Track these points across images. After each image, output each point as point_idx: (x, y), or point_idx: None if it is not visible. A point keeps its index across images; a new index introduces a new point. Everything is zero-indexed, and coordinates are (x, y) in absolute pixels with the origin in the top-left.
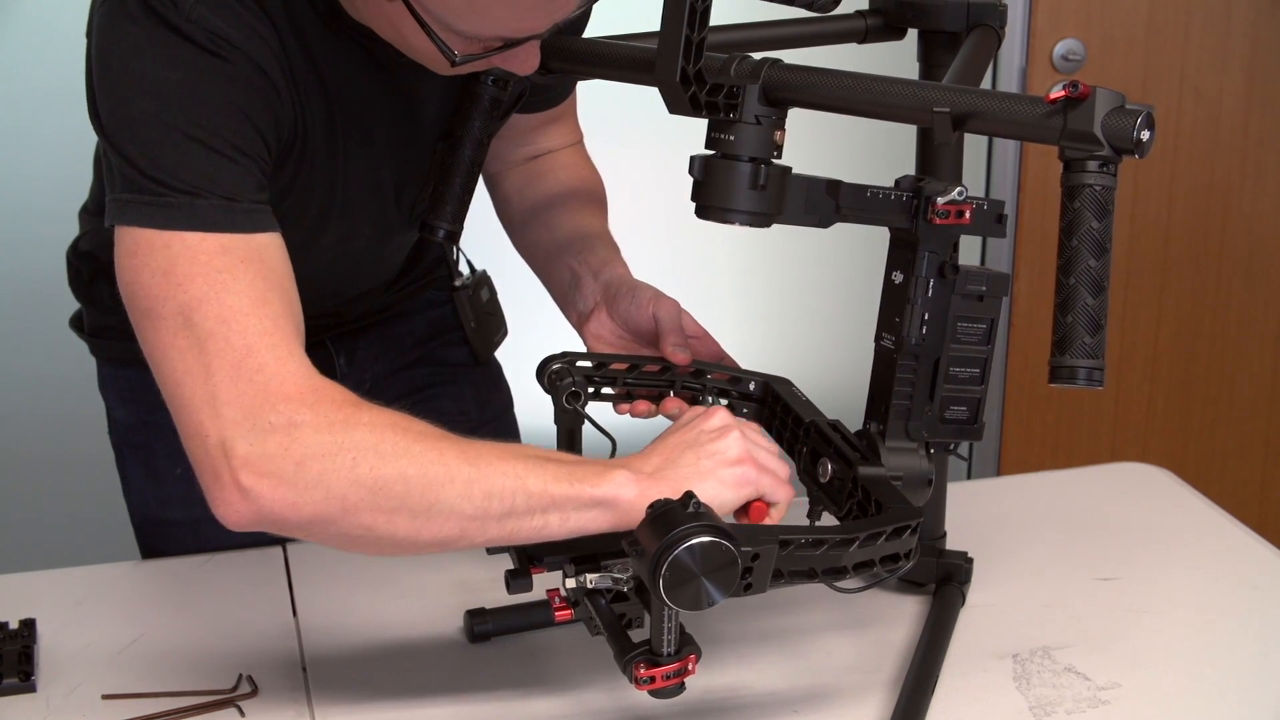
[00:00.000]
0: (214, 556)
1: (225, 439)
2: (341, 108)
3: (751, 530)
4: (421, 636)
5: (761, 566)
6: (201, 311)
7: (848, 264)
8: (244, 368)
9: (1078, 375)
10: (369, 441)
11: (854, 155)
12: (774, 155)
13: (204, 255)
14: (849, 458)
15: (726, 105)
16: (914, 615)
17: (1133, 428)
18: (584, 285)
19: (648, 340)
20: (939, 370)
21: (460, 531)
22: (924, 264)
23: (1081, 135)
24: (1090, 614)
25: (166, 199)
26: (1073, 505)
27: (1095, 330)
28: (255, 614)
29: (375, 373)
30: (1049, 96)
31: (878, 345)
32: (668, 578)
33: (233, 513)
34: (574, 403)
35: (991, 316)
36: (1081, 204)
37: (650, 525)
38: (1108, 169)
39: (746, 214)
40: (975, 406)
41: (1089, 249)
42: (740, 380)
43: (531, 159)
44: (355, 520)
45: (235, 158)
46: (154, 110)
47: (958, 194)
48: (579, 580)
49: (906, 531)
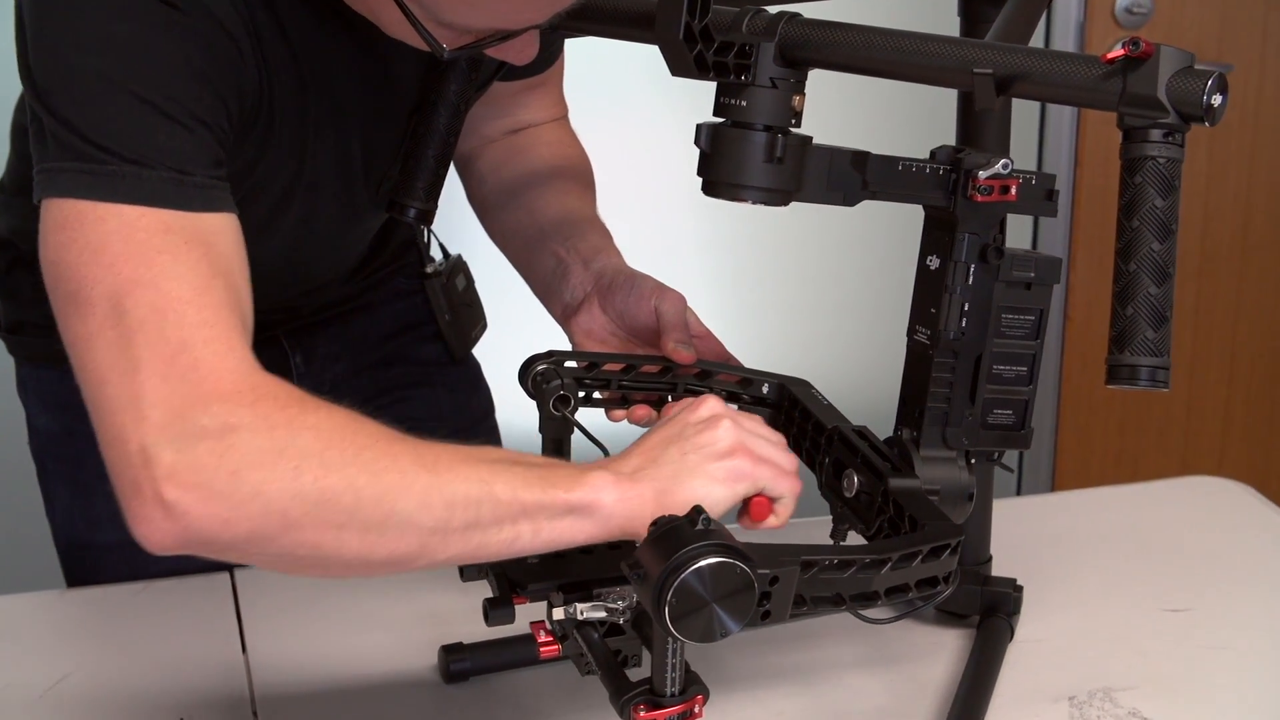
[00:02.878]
0: (151, 584)
1: (147, 445)
2: (312, 75)
3: (770, 550)
4: (390, 675)
5: (781, 591)
6: (134, 298)
7: (874, 248)
8: (176, 364)
9: (1139, 375)
10: (314, 447)
11: (884, 125)
12: (792, 123)
13: (142, 233)
14: (878, 469)
15: (737, 66)
16: (955, 651)
17: (1207, 436)
18: (572, 274)
19: (645, 338)
20: (981, 368)
21: (419, 547)
22: (964, 247)
23: (1143, 100)
24: (1158, 650)
25: (109, 168)
26: (1138, 525)
27: (1159, 323)
28: (198, 649)
29: (336, 373)
30: (1106, 56)
31: (911, 340)
32: (674, 605)
33: (155, 532)
34: (562, 408)
35: (1040, 307)
36: (1143, 179)
37: (653, 545)
38: (1173, 138)
39: (761, 190)
40: (1022, 410)
41: (1152, 230)
42: (752, 382)
43: (510, 133)
44: (298, 537)
45: (191, 126)
46: (99, 67)
47: (1002, 167)
48: (568, 611)
49: (946, 552)
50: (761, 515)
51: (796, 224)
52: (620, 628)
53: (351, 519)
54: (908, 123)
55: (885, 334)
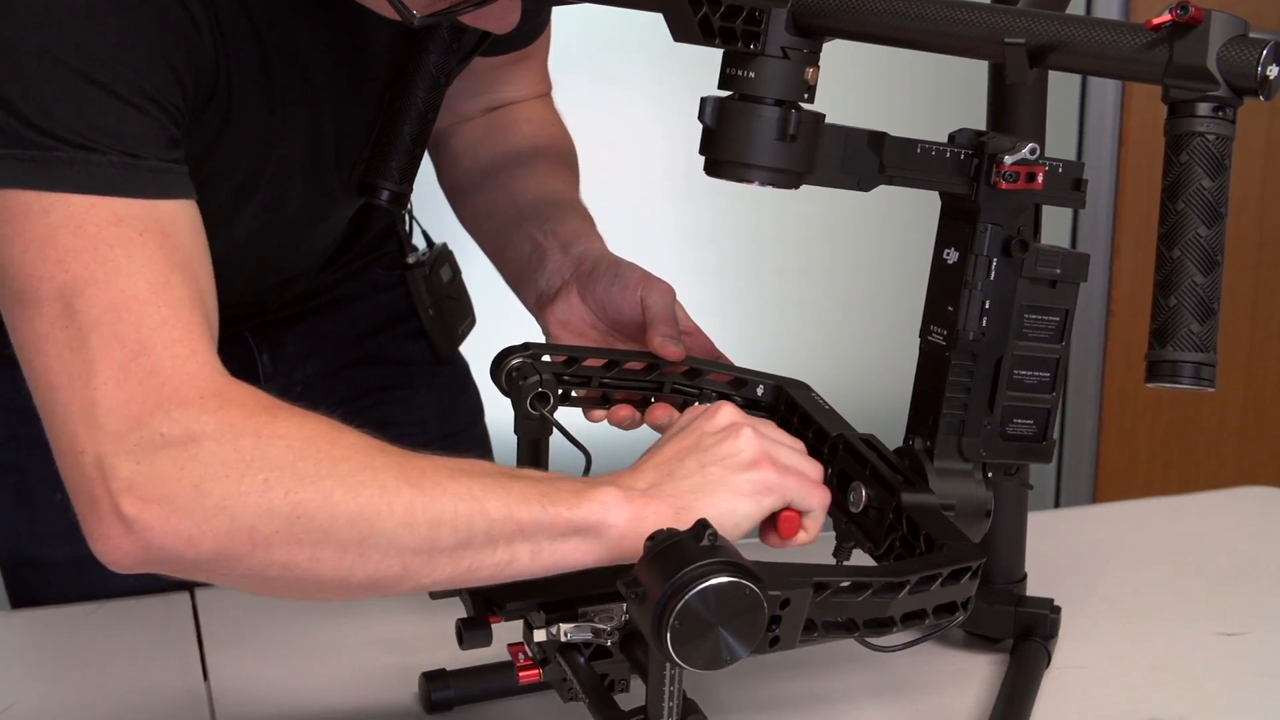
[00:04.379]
0: (104, 604)
1: (104, 456)
2: (277, 50)
3: (779, 570)
4: (366, 705)
5: (792, 615)
6: (86, 297)
7: (880, 237)
8: (134, 368)
9: (1181, 373)
10: (285, 458)
11: (907, 101)
12: (804, 98)
13: (93, 225)
14: (889, 481)
15: (746, 33)
16: (985, 679)
17: (1266, 443)
18: (549, 259)
19: (628, 331)
20: (1001, 373)
21: (403, 569)
22: (985, 239)
23: (1190, 70)
24: (1210, 678)
25: (54, 154)
26: (1188, 540)
27: (1205, 316)
28: (156, 677)
29: (308, 373)
30: (1151, 22)
31: (924, 341)
32: (677, 629)
33: (114, 549)
34: (540, 406)
35: (1066, 307)
36: (1190, 157)
37: (653, 563)
38: (1224, 113)
39: (769, 171)
40: (1044, 419)
41: (1198, 214)
42: (746, 383)
43: (489, 111)
44: (269, 557)
45: (143, 105)
46: (42, 43)
47: (1029, 152)
48: (550, 632)
49: (967, 575)
50: (791, 531)
51: (795, 211)
52: (607, 650)
53: (327, 537)
54: (932, 100)
55: (891, 333)
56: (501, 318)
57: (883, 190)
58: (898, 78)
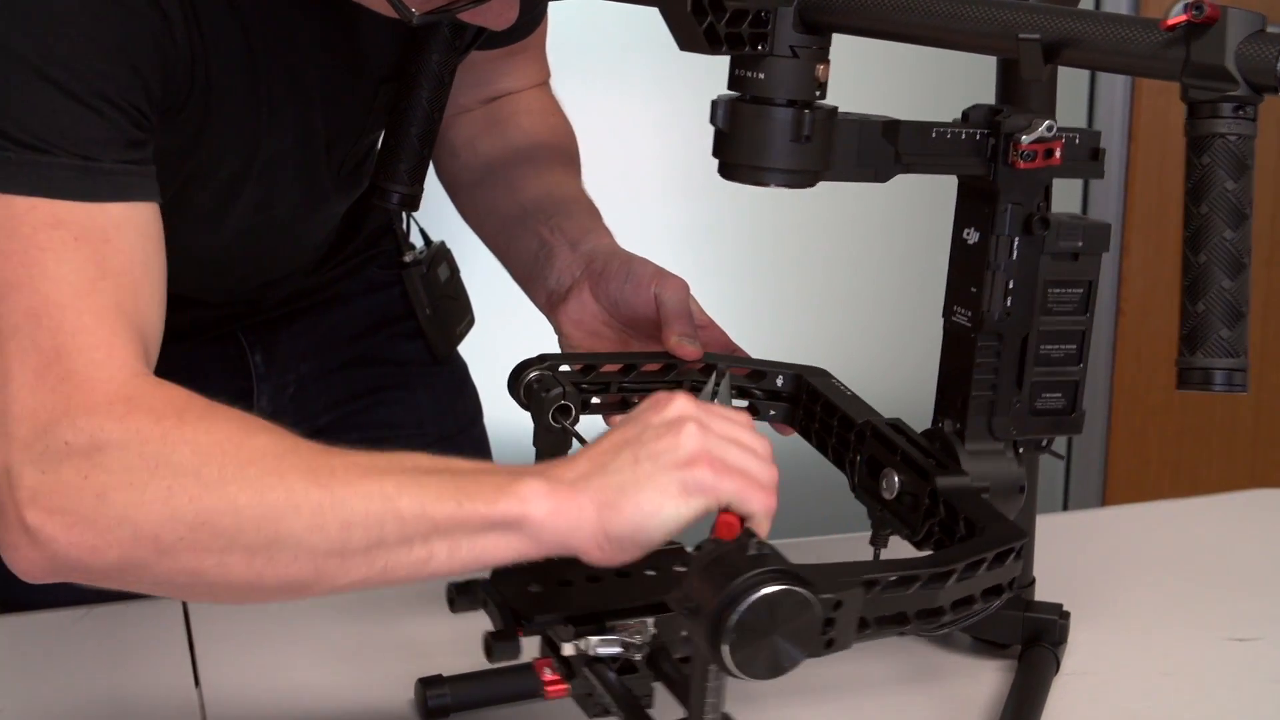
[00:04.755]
0: (93, 609)
1: (12, 465)
2: (265, 45)
3: (828, 572)
4: (361, 711)
5: (845, 615)
6: (9, 302)
7: (890, 224)
8: (47, 375)
9: (1214, 379)
10: (190, 464)
11: (915, 98)
12: (816, 96)
13: (27, 228)
14: (922, 467)
15: (753, 36)
16: (993, 685)
17: (1278, 445)
18: (558, 257)
19: (643, 329)
20: (1028, 350)
21: (315, 571)
22: (1006, 219)
23: (1209, 70)
24: (1221, 685)
25: (4, 153)
26: (1199, 544)
27: (1234, 320)
28: (147, 683)
29: (302, 374)
30: (1167, 21)
31: (949, 323)
32: (735, 641)
33: (22, 560)
34: (563, 419)
35: (1089, 278)
36: (1212, 159)
37: (703, 577)
38: (1244, 112)
39: (785, 173)
40: (1073, 391)
41: (1223, 216)
42: (765, 375)
43: (488, 102)
44: (175, 564)
45: (100, 108)
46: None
47: (1046, 129)
48: (578, 646)
49: (1011, 556)
50: (727, 534)
51: (801, 202)
52: (633, 665)
53: (233, 543)
54: (941, 96)
55: (903, 318)
56: (501, 317)
57: None
58: (898, 60)
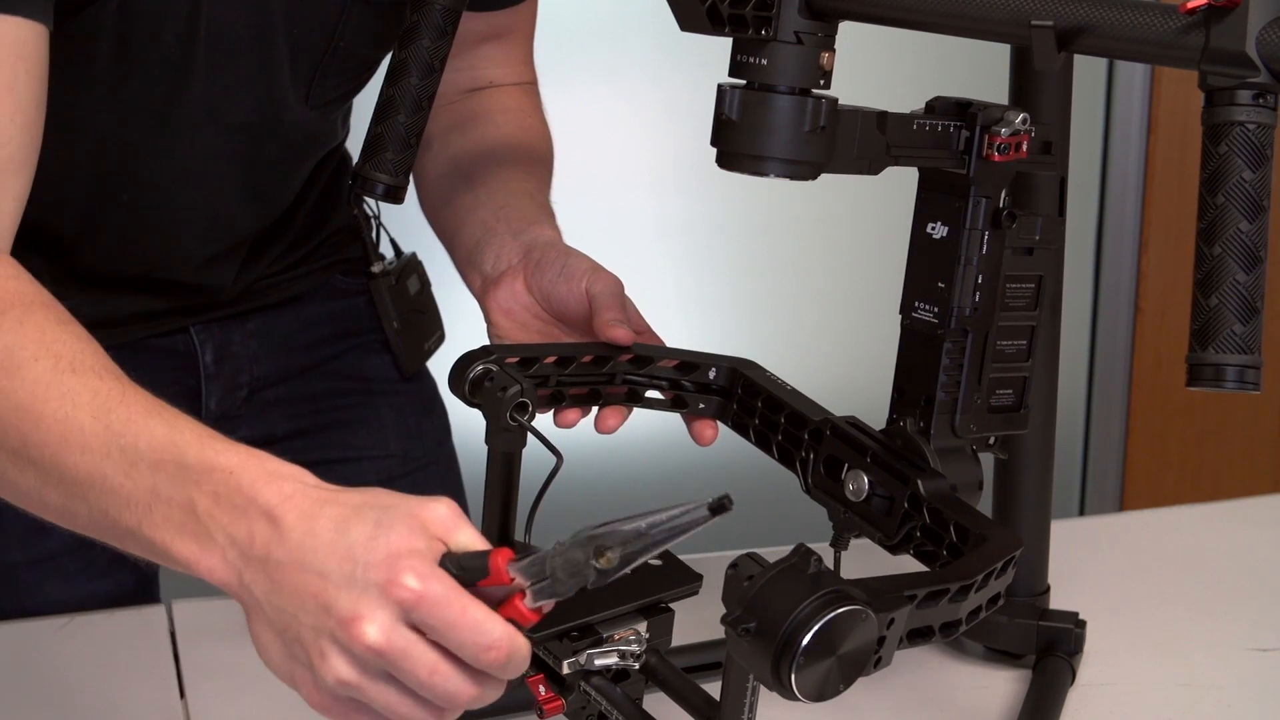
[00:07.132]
0: (75, 618)
1: None
2: None
3: (878, 590)
4: None
5: (893, 633)
6: None
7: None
8: None
9: (1225, 375)
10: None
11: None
12: (820, 84)
13: None
14: (898, 469)
15: (757, 19)
16: (1005, 697)
17: None
18: (496, 243)
19: (574, 325)
20: (987, 345)
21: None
22: (980, 212)
23: (1229, 55)
24: (1243, 697)
25: None
26: (1220, 551)
27: (1248, 316)
28: (128, 697)
29: (256, 375)
30: (1185, 5)
31: (911, 319)
32: (802, 664)
33: None
34: (521, 416)
35: (1040, 273)
36: (1229, 148)
37: (765, 597)
38: (1265, 101)
39: (792, 164)
40: (1021, 388)
41: (1240, 208)
42: (697, 367)
43: (469, 92)
44: None
45: None
46: None
47: (1021, 122)
48: (574, 661)
49: (1010, 566)
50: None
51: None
52: (625, 674)
53: None
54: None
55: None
56: (476, 334)
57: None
58: (914, 61)
